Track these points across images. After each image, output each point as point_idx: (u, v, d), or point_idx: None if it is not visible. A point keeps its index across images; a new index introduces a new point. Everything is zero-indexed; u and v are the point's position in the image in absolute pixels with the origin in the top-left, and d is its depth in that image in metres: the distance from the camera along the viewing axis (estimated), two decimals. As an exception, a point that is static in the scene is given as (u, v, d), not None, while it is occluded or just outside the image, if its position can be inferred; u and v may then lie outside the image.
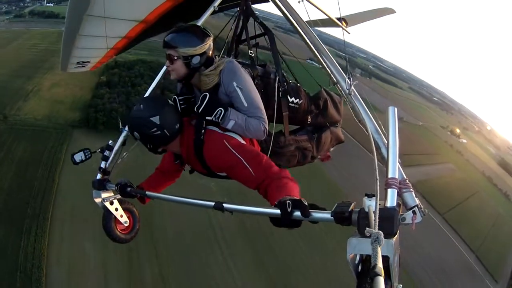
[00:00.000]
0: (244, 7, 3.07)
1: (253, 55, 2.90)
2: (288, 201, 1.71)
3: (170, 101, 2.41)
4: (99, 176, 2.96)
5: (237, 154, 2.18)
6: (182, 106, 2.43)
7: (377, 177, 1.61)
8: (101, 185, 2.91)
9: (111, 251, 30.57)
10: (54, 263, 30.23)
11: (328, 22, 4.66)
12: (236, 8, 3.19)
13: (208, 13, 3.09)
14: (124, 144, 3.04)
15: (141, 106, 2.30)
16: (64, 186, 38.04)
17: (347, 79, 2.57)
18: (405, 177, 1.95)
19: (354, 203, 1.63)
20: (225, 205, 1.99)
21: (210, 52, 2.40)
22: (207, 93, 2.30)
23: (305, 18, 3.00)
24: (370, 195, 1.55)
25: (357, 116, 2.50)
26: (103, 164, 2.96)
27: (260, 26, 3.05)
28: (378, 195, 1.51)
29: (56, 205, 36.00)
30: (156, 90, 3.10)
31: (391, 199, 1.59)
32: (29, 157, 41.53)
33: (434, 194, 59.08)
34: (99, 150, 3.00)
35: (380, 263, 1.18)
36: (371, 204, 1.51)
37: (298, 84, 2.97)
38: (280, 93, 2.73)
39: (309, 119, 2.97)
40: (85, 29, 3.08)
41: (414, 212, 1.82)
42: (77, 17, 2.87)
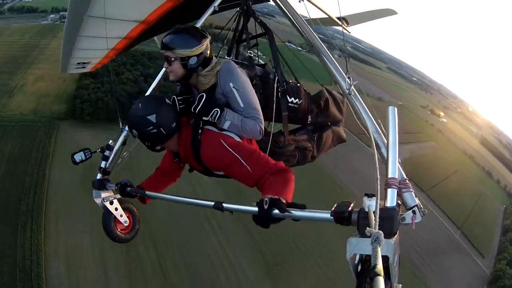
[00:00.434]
0: (245, 7, 3.07)
1: (253, 55, 2.90)
2: (266, 199, 1.72)
3: (169, 101, 2.43)
4: (99, 176, 2.97)
5: (234, 153, 2.19)
6: (181, 106, 2.46)
7: (378, 176, 1.61)
8: (101, 185, 2.92)
9: (108, 241, 30.40)
10: (53, 258, 30.17)
11: (329, 22, 4.66)
12: (237, 8, 3.20)
13: (209, 13, 3.09)
14: (125, 144, 3.05)
15: (139, 105, 2.35)
16: (55, 179, 37.97)
17: (347, 79, 2.57)
18: (405, 177, 1.95)
19: (354, 203, 1.62)
20: (225, 205, 1.99)
21: (208, 53, 2.42)
22: (204, 94, 2.33)
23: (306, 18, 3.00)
24: (370, 195, 1.54)
25: (357, 116, 2.49)
26: (103, 164, 2.97)
27: (261, 26, 3.05)
28: (379, 195, 1.51)
29: (49, 199, 35.88)
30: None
31: (391, 199, 1.59)
32: (18, 153, 41.40)
33: (417, 172, 59.73)
34: (99, 150, 3.01)
35: (380, 263, 1.18)
36: (371, 204, 1.50)
37: (299, 84, 2.96)
38: (279, 93, 2.73)
39: (310, 119, 2.97)
40: (85, 30, 3.07)
41: (414, 212, 1.82)
42: (77, 18, 2.87)
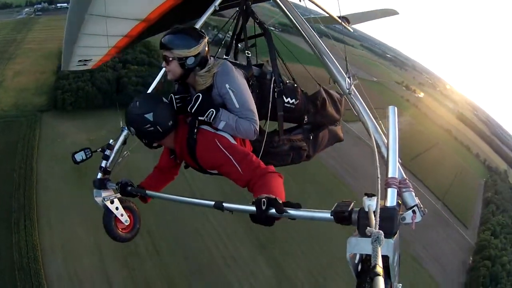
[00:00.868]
0: (244, 7, 3.07)
1: (250, 56, 2.91)
2: (263, 199, 1.74)
3: (166, 99, 2.48)
4: (100, 175, 2.98)
5: (227, 153, 2.25)
6: (178, 105, 2.51)
7: (379, 176, 1.61)
8: (102, 184, 2.93)
9: (101, 231, 30.22)
10: (49, 252, 29.99)
11: (330, 21, 4.66)
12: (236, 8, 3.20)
13: (209, 13, 3.09)
14: (125, 143, 3.05)
15: (137, 103, 2.40)
16: (43, 172, 37.63)
17: (347, 79, 2.57)
18: (405, 177, 1.95)
19: (354, 203, 1.63)
20: (225, 205, 2.00)
21: (205, 53, 2.44)
22: (200, 94, 2.38)
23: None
24: (370, 195, 1.54)
25: (358, 116, 2.50)
26: (104, 163, 2.97)
27: (259, 26, 3.05)
28: (379, 195, 1.51)
29: (39, 193, 35.53)
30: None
31: (391, 199, 1.59)
32: (4, 150, 40.80)
33: (395, 145, 60.64)
34: (100, 150, 3.02)
35: (380, 263, 1.18)
36: (371, 204, 1.50)
37: (295, 84, 2.98)
38: (276, 94, 2.75)
39: (306, 118, 2.99)
40: (87, 28, 3.08)
41: (414, 212, 1.82)
42: (79, 16, 2.87)
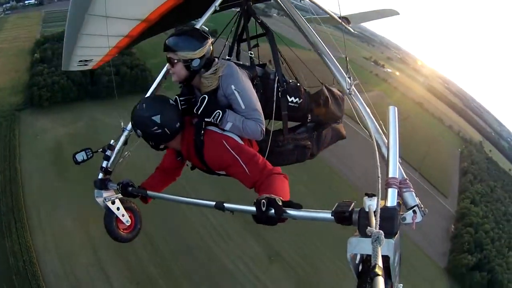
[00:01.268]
0: (245, 7, 3.07)
1: (253, 56, 2.92)
2: (263, 200, 1.74)
3: (172, 101, 2.47)
4: (101, 176, 2.98)
5: (235, 154, 2.26)
6: (183, 107, 2.50)
7: (379, 175, 1.61)
8: (103, 185, 2.94)
9: (92, 223, 29.88)
10: (44, 253, 29.82)
11: (330, 21, 4.66)
12: (237, 8, 3.20)
13: (210, 13, 3.08)
14: (126, 144, 3.06)
15: (144, 105, 2.39)
16: (27, 171, 37.23)
17: (347, 79, 2.57)
18: (405, 177, 1.95)
19: (355, 203, 1.63)
20: (226, 205, 2.01)
21: (210, 55, 2.45)
22: (206, 96, 2.37)
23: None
24: (371, 195, 1.54)
25: (358, 116, 2.50)
26: (105, 164, 2.98)
27: (261, 26, 3.05)
28: (380, 195, 1.51)
29: (26, 193, 35.13)
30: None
31: (392, 199, 1.59)
32: None
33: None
34: (101, 150, 3.02)
35: (380, 263, 1.18)
36: (372, 204, 1.51)
37: (298, 84, 2.98)
38: (280, 93, 2.76)
39: (309, 117, 3.00)
40: (87, 28, 3.07)
41: (415, 212, 1.81)
42: (79, 16, 2.87)
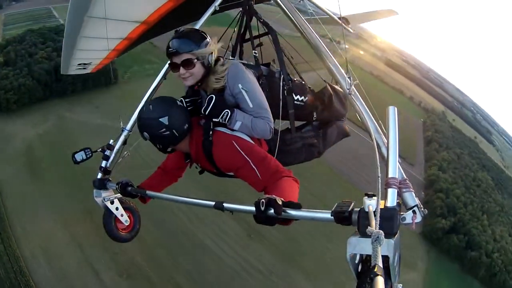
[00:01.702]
0: (247, 7, 3.07)
1: (257, 55, 2.91)
2: (263, 200, 1.73)
3: (179, 102, 2.43)
4: (100, 176, 2.98)
5: (246, 156, 2.22)
6: (189, 108, 2.47)
7: (379, 175, 1.61)
8: (102, 184, 2.93)
9: (74, 222, 30.44)
10: (32, 260, 29.25)
11: (329, 21, 4.66)
12: (239, 8, 3.20)
13: (209, 13, 3.07)
14: (125, 144, 3.06)
15: (150, 107, 2.35)
16: (3, 178, 36.02)
17: (347, 79, 2.57)
18: (405, 177, 1.95)
19: (354, 203, 1.62)
20: (225, 205, 2.00)
21: (216, 51, 2.44)
22: (213, 95, 2.33)
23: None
24: (370, 195, 1.54)
25: (358, 116, 2.50)
26: (104, 163, 2.98)
27: (264, 26, 3.05)
28: (380, 195, 1.51)
29: (5, 200, 33.94)
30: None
31: (392, 199, 1.58)
32: None
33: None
34: (100, 150, 3.02)
35: (380, 263, 1.18)
36: (371, 204, 1.50)
37: (303, 82, 2.98)
38: (285, 92, 2.75)
39: (315, 115, 2.99)
40: (86, 31, 3.08)
41: (414, 212, 1.81)
42: (78, 19, 2.88)
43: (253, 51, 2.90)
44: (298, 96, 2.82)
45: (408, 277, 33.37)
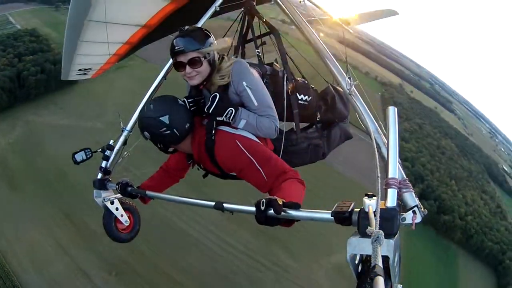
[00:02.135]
0: (248, 7, 3.07)
1: (260, 54, 2.91)
2: (263, 200, 1.72)
3: (181, 101, 2.40)
4: (100, 176, 2.98)
5: (249, 155, 2.16)
6: (192, 108, 2.43)
7: (379, 175, 1.60)
8: (102, 185, 2.94)
9: (55, 228, 30.65)
10: (22, 272, 28.72)
11: (330, 22, 4.66)
12: (241, 9, 3.21)
13: (209, 14, 3.07)
14: (125, 144, 3.06)
15: (151, 106, 2.32)
16: None
17: (348, 79, 2.57)
18: (405, 177, 1.94)
19: (354, 203, 1.62)
20: (225, 205, 1.99)
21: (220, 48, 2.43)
22: (217, 94, 2.30)
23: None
24: (370, 195, 1.54)
25: (358, 116, 2.49)
26: (104, 164, 2.98)
27: (266, 26, 3.05)
28: (380, 195, 1.51)
29: None
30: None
31: (392, 199, 1.57)
32: None
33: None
34: (100, 150, 3.02)
35: (380, 263, 1.18)
36: (371, 204, 1.49)
37: (306, 81, 2.97)
38: (289, 91, 2.73)
39: (318, 116, 2.98)
40: (86, 35, 3.07)
41: (414, 212, 1.80)
42: (78, 23, 2.87)
43: (256, 50, 2.90)
44: (302, 96, 2.81)
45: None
